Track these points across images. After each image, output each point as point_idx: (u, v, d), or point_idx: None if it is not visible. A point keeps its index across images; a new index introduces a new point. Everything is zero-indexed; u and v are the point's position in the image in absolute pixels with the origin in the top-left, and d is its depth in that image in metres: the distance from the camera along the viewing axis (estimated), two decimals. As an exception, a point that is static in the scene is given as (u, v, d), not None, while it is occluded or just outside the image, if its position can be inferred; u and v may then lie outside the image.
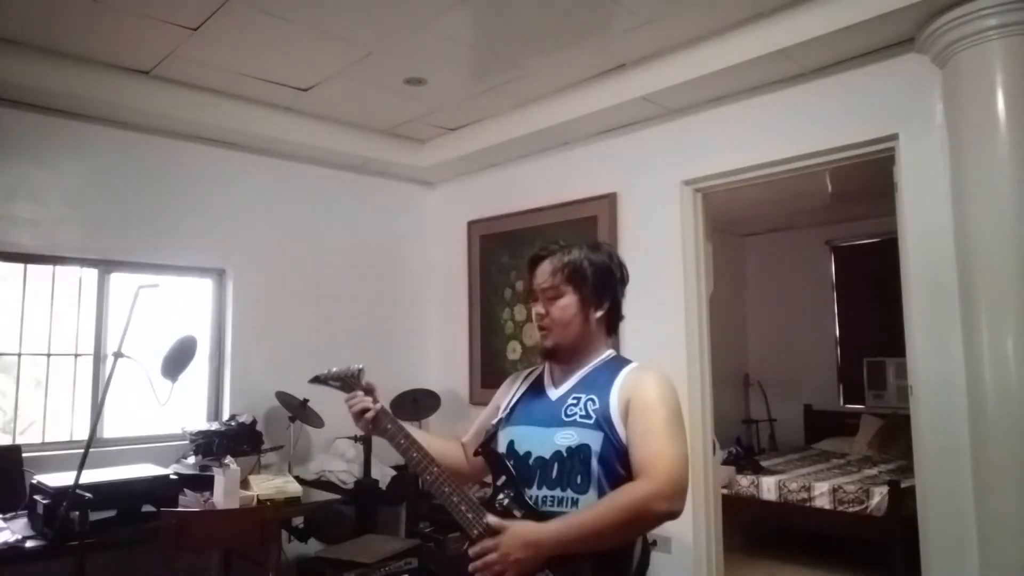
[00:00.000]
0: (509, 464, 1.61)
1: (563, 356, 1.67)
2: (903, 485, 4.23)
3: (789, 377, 6.71)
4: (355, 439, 3.99)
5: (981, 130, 2.45)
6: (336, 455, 4.04)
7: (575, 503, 1.53)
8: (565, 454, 1.56)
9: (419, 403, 4.24)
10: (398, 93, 3.71)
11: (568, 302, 1.65)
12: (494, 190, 4.53)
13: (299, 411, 3.82)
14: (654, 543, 3.52)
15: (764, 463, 5.34)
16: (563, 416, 1.60)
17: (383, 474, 4.03)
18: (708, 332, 3.55)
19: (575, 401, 1.61)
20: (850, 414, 6.36)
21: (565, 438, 1.57)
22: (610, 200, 3.82)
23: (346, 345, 4.40)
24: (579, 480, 1.53)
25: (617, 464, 1.54)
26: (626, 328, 3.72)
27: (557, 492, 1.55)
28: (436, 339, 4.86)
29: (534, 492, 1.56)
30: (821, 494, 4.61)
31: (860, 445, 5.89)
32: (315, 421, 3.88)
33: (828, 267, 6.72)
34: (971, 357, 2.47)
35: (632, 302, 3.89)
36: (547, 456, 1.58)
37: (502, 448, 1.66)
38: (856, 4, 2.64)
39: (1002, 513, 2.34)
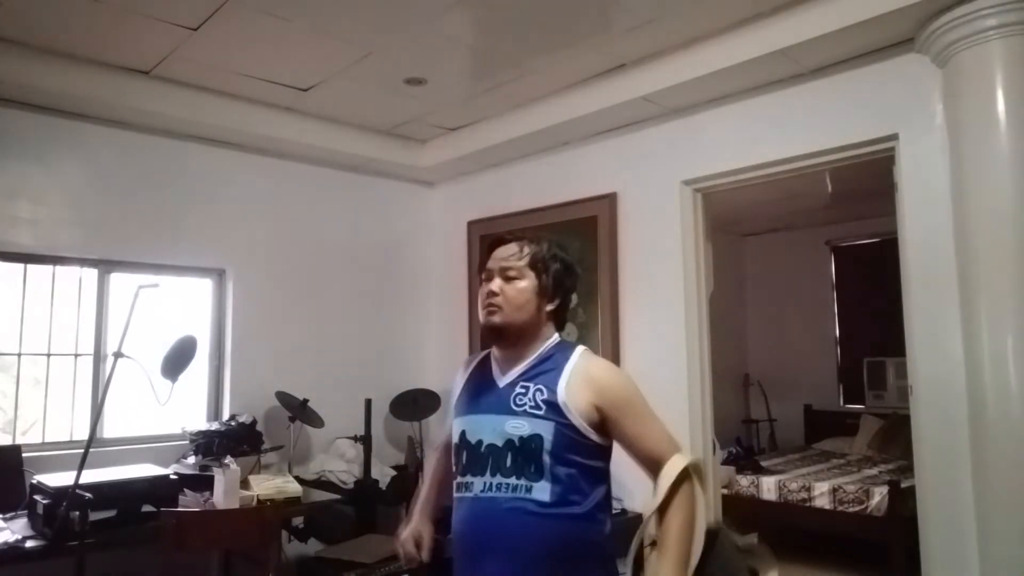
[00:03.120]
0: (462, 454, 1.67)
1: (509, 338, 1.68)
2: (903, 485, 4.23)
3: (789, 377, 6.70)
4: (355, 439, 3.99)
5: (981, 130, 2.44)
6: (336, 455, 4.03)
7: (529, 490, 1.56)
8: (517, 443, 1.58)
9: (419, 403, 4.24)
10: (398, 93, 3.71)
11: (526, 286, 1.68)
12: (494, 190, 4.53)
13: (299, 411, 3.82)
14: (654, 543, 3.52)
15: (764, 463, 5.34)
16: (512, 405, 1.62)
17: (383, 474, 4.02)
18: (708, 332, 3.55)
19: (523, 390, 1.63)
20: (850, 414, 6.36)
21: (516, 427, 1.59)
22: (610, 200, 3.82)
23: (346, 345, 4.40)
24: (532, 469, 1.57)
25: (569, 453, 1.58)
26: (626, 328, 3.76)
27: (512, 480, 1.58)
28: (436, 339, 4.85)
29: (487, 479, 1.59)
30: (821, 494, 4.61)
31: (860, 445, 5.89)
32: (315, 421, 3.88)
33: (828, 267, 6.71)
34: (971, 357, 2.47)
35: (632, 302, 3.91)
36: (499, 444, 1.60)
37: (454, 438, 1.70)
38: (856, 4, 2.63)
39: (1002, 513, 2.34)
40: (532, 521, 1.56)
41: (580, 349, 1.70)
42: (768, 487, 4.87)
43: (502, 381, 1.68)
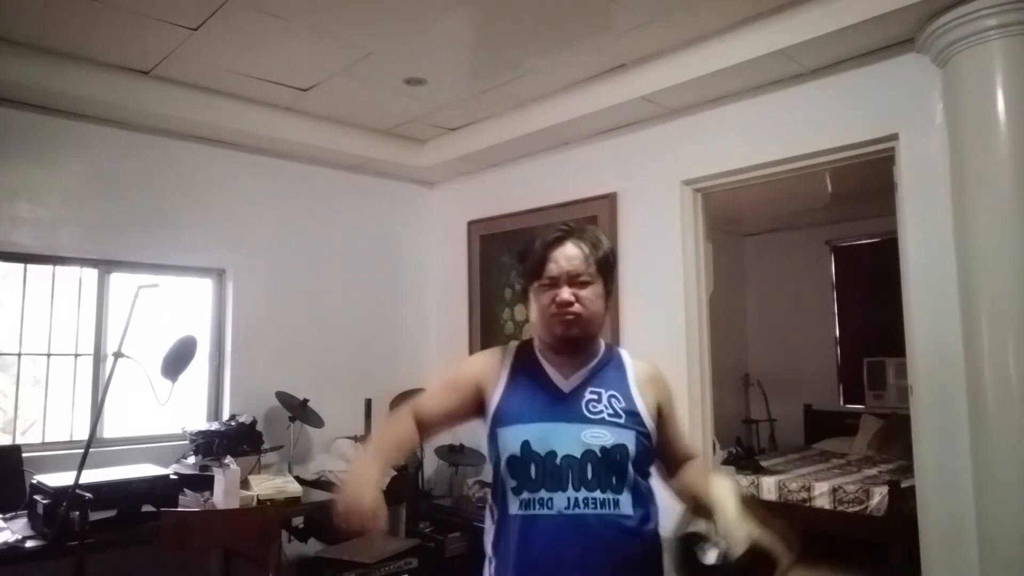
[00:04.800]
0: (532, 467, 1.49)
1: (584, 347, 1.60)
2: (903, 485, 4.23)
3: (789, 377, 6.70)
4: (355, 439, 3.99)
5: (981, 130, 2.44)
6: (336, 455, 4.03)
7: (616, 504, 1.48)
8: (599, 454, 1.48)
9: (419, 403, 4.23)
10: (398, 93, 3.71)
11: (599, 291, 1.59)
12: (494, 190, 4.53)
13: (299, 411, 3.82)
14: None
15: (764, 463, 5.34)
16: (586, 412, 1.52)
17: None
18: (708, 332, 3.55)
19: (595, 396, 1.54)
20: (850, 414, 6.36)
21: (596, 437, 1.49)
22: (610, 200, 3.82)
23: (346, 345, 4.40)
24: (614, 481, 1.48)
25: (645, 464, 1.55)
26: (626, 328, 3.76)
27: (597, 494, 1.47)
28: (436, 339, 4.85)
29: (571, 494, 1.46)
30: (821, 494, 4.61)
31: (860, 445, 5.89)
32: (315, 421, 3.88)
33: (828, 267, 6.71)
34: (971, 357, 2.46)
35: (632, 302, 3.91)
36: (578, 455, 1.48)
37: (512, 449, 1.51)
38: (856, 4, 2.63)
39: (1002, 513, 2.34)
40: (624, 539, 1.48)
41: (620, 348, 1.68)
42: (768, 487, 4.87)
43: (566, 386, 1.57)
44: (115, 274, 3.69)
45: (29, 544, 2.57)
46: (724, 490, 1.55)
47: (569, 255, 1.58)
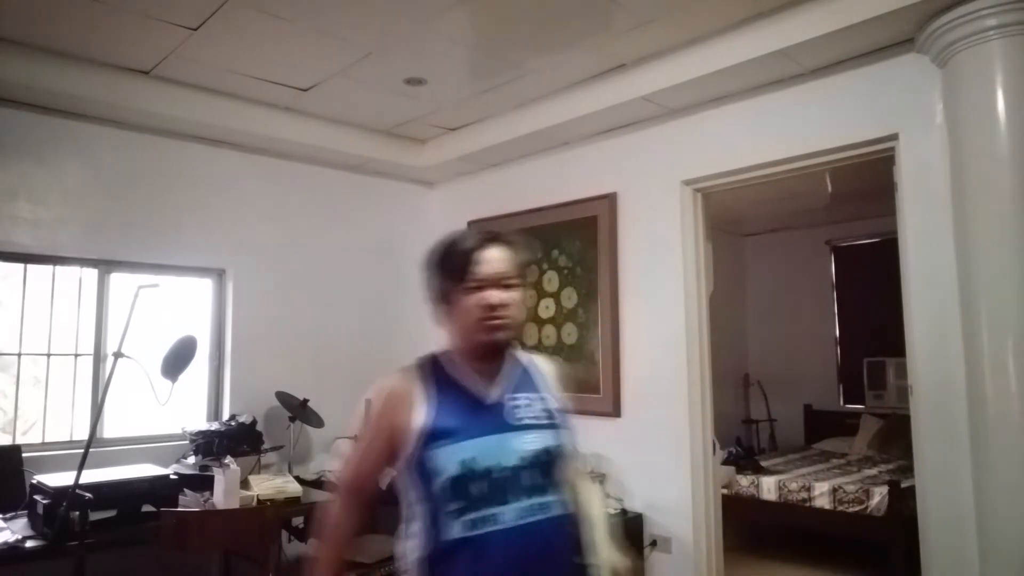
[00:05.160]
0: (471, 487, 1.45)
1: (505, 352, 1.59)
2: (903, 485, 4.23)
3: (789, 377, 6.70)
4: (355, 439, 3.99)
5: (981, 130, 2.44)
6: (336, 455, 4.03)
7: (555, 506, 1.49)
8: (534, 459, 1.48)
9: (419, 403, 4.23)
10: (398, 93, 3.71)
11: (521, 296, 1.57)
12: (494, 190, 4.53)
13: (299, 411, 3.82)
14: (654, 543, 3.53)
15: (764, 463, 5.34)
16: (514, 420, 1.50)
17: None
18: (708, 332, 3.55)
19: (519, 402, 1.53)
20: (850, 414, 6.36)
21: (528, 443, 1.49)
22: (610, 200, 3.82)
23: (346, 345, 4.40)
24: (550, 483, 1.50)
25: (566, 460, 1.58)
26: (626, 328, 3.76)
27: (538, 499, 1.47)
28: (435, 339, 4.84)
29: (517, 505, 1.44)
30: (821, 494, 4.61)
31: (860, 445, 5.89)
32: (315, 421, 3.88)
33: (828, 267, 6.71)
34: (971, 357, 2.46)
35: (632, 302, 3.91)
36: (518, 464, 1.47)
37: (450, 471, 1.44)
38: (856, 4, 2.63)
39: (1002, 513, 2.34)
40: (565, 536, 1.51)
41: (519, 350, 1.65)
42: (768, 487, 4.87)
43: (491, 396, 1.53)
44: (115, 274, 3.69)
45: (29, 544, 2.57)
46: (598, 508, 1.63)
47: (498, 257, 1.55)
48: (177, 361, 3.03)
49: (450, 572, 1.43)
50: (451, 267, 1.57)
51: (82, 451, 2.65)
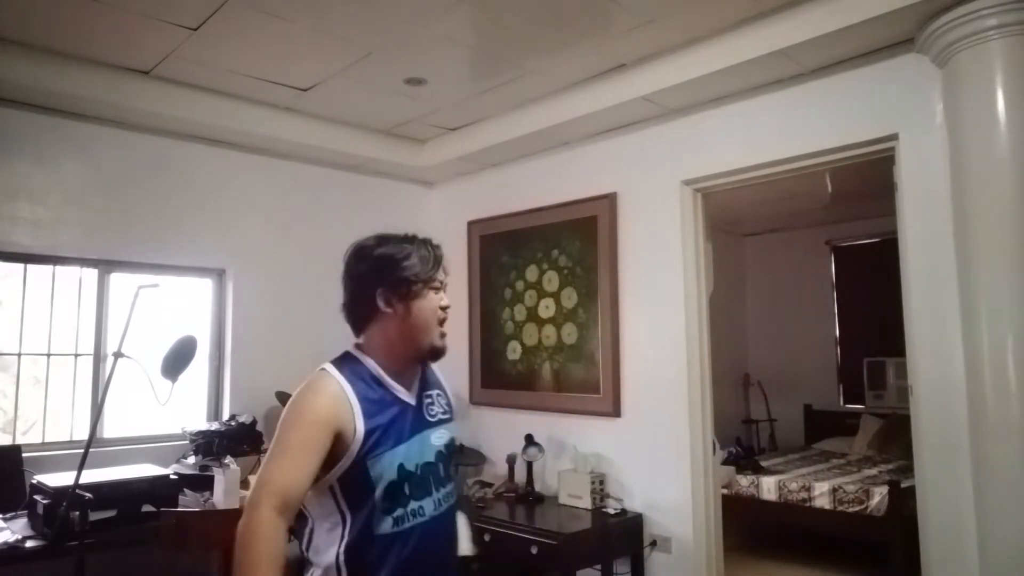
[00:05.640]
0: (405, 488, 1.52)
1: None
2: (903, 485, 4.23)
3: (789, 377, 6.71)
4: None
5: (981, 130, 2.44)
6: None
7: (454, 492, 1.65)
8: (445, 452, 1.63)
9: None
10: (398, 93, 3.71)
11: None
12: (494, 190, 4.53)
13: (299, 411, 3.82)
14: (654, 543, 3.53)
15: (764, 463, 5.34)
16: (429, 417, 1.63)
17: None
18: (708, 332, 3.55)
19: (430, 399, 1.65)
20: (850, 414, 6.37)
21: (440, 437, 1.63)
22: (610, 200, 3.82)
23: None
24: (451, 473, 1.64)
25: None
26: (626, 328, 3.76)
27: (445, 489, 1.61)
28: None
29: (434, 497, 1.57)
30: (821, 494, 4.61)
31: (860, 445, 5.89)
32: (315, 421, 3.88)
33: (828, 267, 6.72)
34: (971, 357, 2.47)
35: (632, 302, 3.90)
36: (432, 460, 1.59)
37: (390, 476, 1.48)
38: (856, 4, 2.63)
39: (1002, 512, 2.34)
40: (455, 520, 1.68)
41: None
42: (768, 487, 4.87)
43: (411, 397, 1.61)
44: (115, 274, 3.69)
45: (29, 544, 2.57)
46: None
47: (445, 265, 1.65)
48: (177, 361, 3.03)
49: (379, 567, 1.46)
50: (426, 264, 1.58)
51: (82, 451, 2.64)
